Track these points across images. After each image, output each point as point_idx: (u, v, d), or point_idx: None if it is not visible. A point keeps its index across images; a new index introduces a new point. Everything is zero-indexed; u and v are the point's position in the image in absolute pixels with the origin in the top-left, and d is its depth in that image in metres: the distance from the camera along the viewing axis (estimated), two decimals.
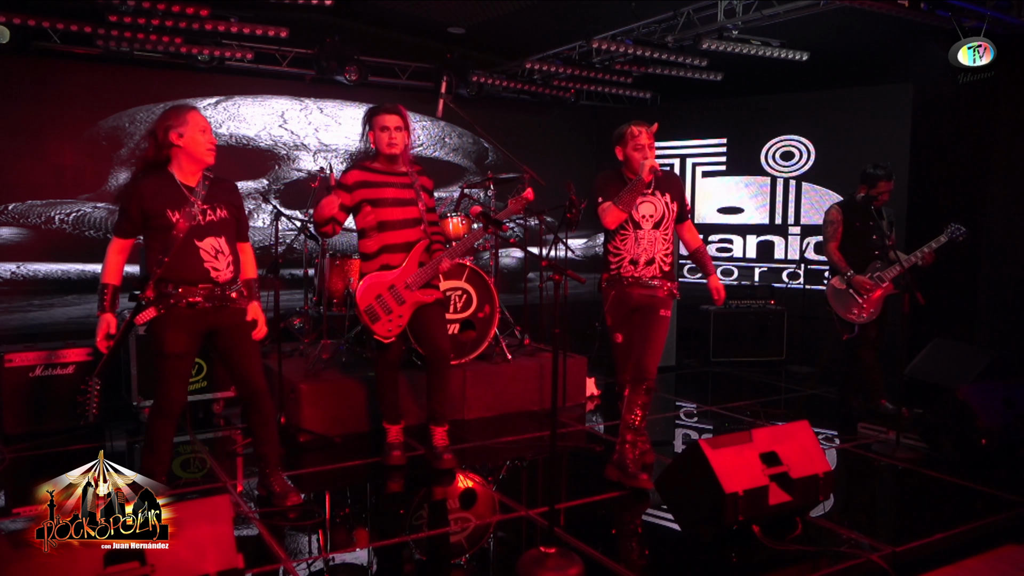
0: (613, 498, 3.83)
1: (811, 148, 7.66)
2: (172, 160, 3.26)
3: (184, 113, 3.25)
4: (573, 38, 6.95)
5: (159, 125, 3.23)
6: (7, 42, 5.54)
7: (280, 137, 6.34)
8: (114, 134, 6.30)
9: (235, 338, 3.42)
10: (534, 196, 4.16)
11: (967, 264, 6.43)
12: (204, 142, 3.26)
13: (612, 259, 3.98)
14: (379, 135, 3.95)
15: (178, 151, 3.24)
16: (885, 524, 3.77)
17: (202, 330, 3.33)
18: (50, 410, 4.73)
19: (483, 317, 5.30)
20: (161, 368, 3.29)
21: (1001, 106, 6.29)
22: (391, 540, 3.40)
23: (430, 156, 7.43)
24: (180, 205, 3.23)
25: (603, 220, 3.89)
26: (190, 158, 3.26)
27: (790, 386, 6.46)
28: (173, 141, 3.21)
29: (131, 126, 6.35)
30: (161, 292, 3.22)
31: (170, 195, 3.23)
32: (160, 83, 6.51)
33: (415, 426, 4.71)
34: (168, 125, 3.21)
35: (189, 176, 3.29)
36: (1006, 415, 4.24)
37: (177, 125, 3.21)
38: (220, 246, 3.31)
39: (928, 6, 5.52)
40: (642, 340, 3.88)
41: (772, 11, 5.78)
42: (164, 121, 3.23)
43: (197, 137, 3.24)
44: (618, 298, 3.96)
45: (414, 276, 4.00)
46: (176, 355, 3.27)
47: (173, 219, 3.20)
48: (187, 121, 3.23)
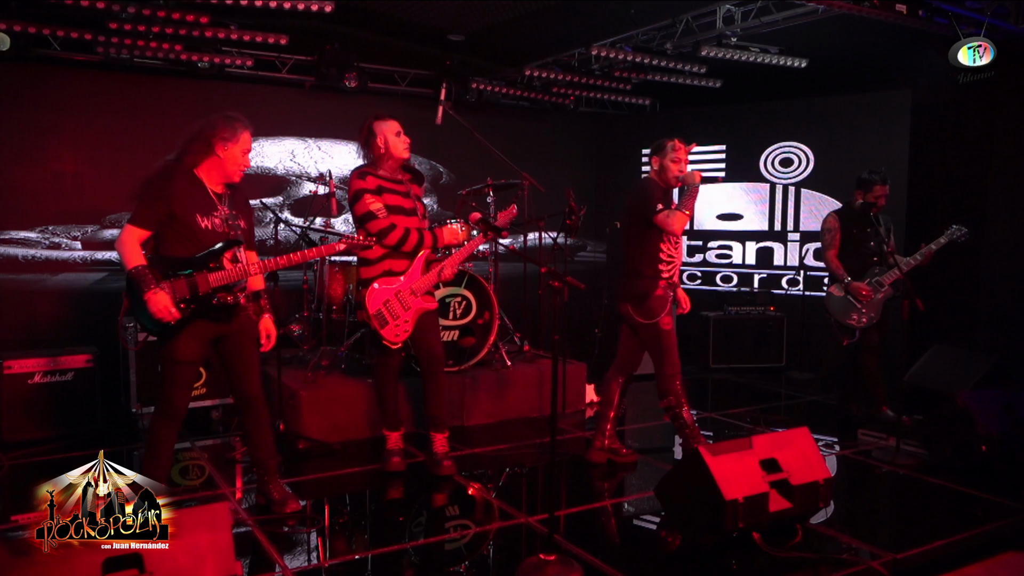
0: (613, 505, 3.82)
1: (810, 154, 7.67)
2: (203, 165, 3.32)
3: (238, 130, 3.34)
4: (572, 45, 6.97)
5: (214, 133, 3.30)
6: (7, 49, 5.55)
7: (291, 168, 7.33)
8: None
9: (240, 344, 3.46)
10: (518, 212, 4.25)
11: (966, 270, 6.43)
12: (242, 162, 3.37)
13: (666, 266, 4.13)
14: (393, 140, 3.98)
15: (216, 160, 3.32)
16: (885, 531, 3.76)
17: (212, 337, 3.37)
18: (49, 417, 4.72)
19: (482, 323, 5.30)
20: (170, 374, 3.31)
21: (1000, 108, 6.30)
22: (390, 547, 3.39)
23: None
24: (208, 212, 3.30)
25: (671, 226, 4.02)
26: (222, 171, 3.35)
27: (790, 392, 6.46)
28: (217, 150, 3.30)
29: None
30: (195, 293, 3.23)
31: (200, 200, 3.29)
32: (160, 90, 6.52)
33: (414, 433, 4.71)
34: (222, 136, 3.30)
35: (216, 184, 3.37)
36: (1006, 421, 4.24)
37: (229, 138, 3.31)
38: (239, 255, 3.38)
39: (926, 13, 5.53)
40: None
41: (771, 18, 5.79)
42: (218, 130, 3.30)
43: (237, 156, 3.35)
44: (671, 301, 4.18)
45: (419, 283, 4.02)
46: (187, 362, 3.31)
47: (203, 225, 3.26)
48: (238, 139, 3.33)
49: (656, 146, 4.23)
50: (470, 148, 4.92)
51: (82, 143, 6.28)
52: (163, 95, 6.55)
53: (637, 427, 5.61)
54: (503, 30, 6.76)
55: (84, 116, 6.26)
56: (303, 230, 5.44)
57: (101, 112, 6.32)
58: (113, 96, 6.37)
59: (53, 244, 6.24)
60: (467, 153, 7.13)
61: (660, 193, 4.08)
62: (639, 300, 4.13)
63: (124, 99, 6.41)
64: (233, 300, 3.32)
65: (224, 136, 3.30)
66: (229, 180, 3.40)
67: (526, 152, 7.51)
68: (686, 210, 4.01)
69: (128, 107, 6.41)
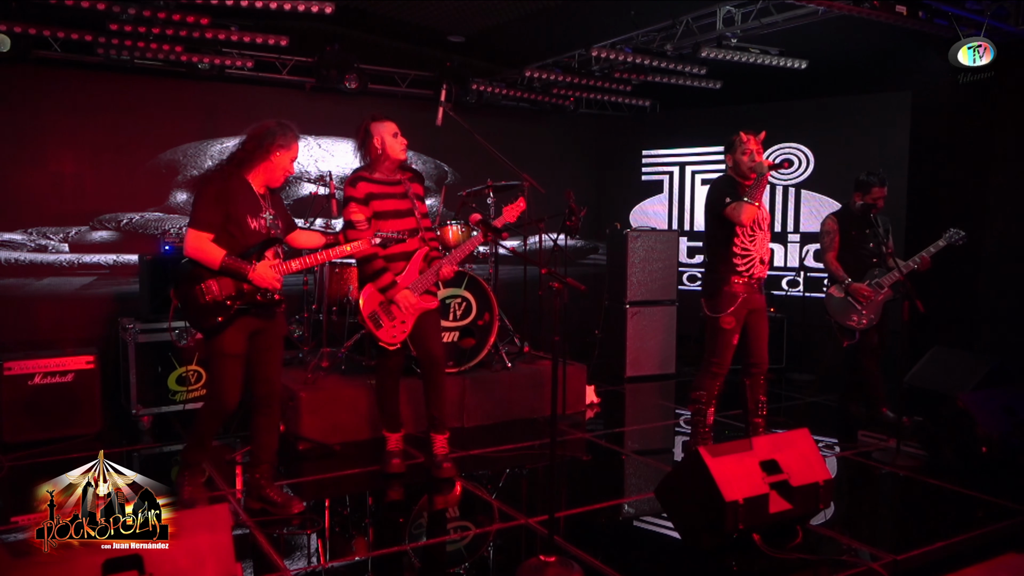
0: (613, 506, 3.82)
1: (810, 156, 7.67)
2: (256, 169, 3.49)
3: (292, 139, 3.52)
4: (572, 46, 6.97)
5: (273, 140, 3.46)
6: (7, 50, 5.55)
7: None
8: (171, 165, 6.62)
9: (271, 339, 3.61)
10: (526, 205, 4.19)
11: (967, 271, 6.43)
12: (288, 169, 3.56)
13: (741, 260, 4.20)
14: (391, 141, 3.97)
15: (268, 165, 3.49)
16: (886, 532, 3.76)
17: (253, 331, 3.51)
18: (49, 418, 4.72)
19: (482, 325, 5.30)
20: (220, 369, 3.45)
21: (1000, 108, 6.30)
22: (391, 549, 3.39)
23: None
24: (257, 213, 3.48)
25: (738, 217, 4.08)
26: (271, 175, 3.52)
27: (790, 394, 6.45)
28: (271, 155, 3.47)
29: (184, 159, 6.66)
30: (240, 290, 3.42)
31: (250, 202, 3.47)
32: (160, 91, 6.52)
33: (414, 434, 4.71)
34: (279, 143, 3.47)
35: (260, 187, 3.54)
36: (1006, 423, 4.24)
37: (283, 144, 3.48)
38: (280, 253, 3.58)
39: (926, 14, 5.54)
40: (759, 337, 4.36)
41: (771, 19, 5.79)
42: (275, 137, 3.46)
43: (286, 162, 3.53)
44: (747, 299, 4.23)
45: (415, 283, 4.01)
46: (235, 355, 3.45)
47: (252, 226, 3.43)
48: (291, 147, 3.52)
49: (727, 144, 4.34)
50: (473, 149, 4.92)
51: (83, 144, 6.27)
52: (163, 96, 6.55)
53: (638, 428, 5.61)
54: (503, 31, 6.77)
55: (84, 117, 6.26)
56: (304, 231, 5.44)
57: (102, 113, 6.32)
58: (113, 97, 6.37)
59: (62, 245, 6.25)
60: (470, 154, 7.13)
61: (729, 187, 4.19)
62: (710, 294, 4.30)
63: (124, 100, 6.40)
64: (274, 297, 3.49)
65: (281, 143, 3.47)
66: (272, 184, 3.57)
67: (526, 153, 7.51)
68: (754, 201, 4.06)
69: (129, 108, 6.41)
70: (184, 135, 6.66)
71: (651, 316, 6.83)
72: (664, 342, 6.90)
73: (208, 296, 3.35)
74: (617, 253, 6.93)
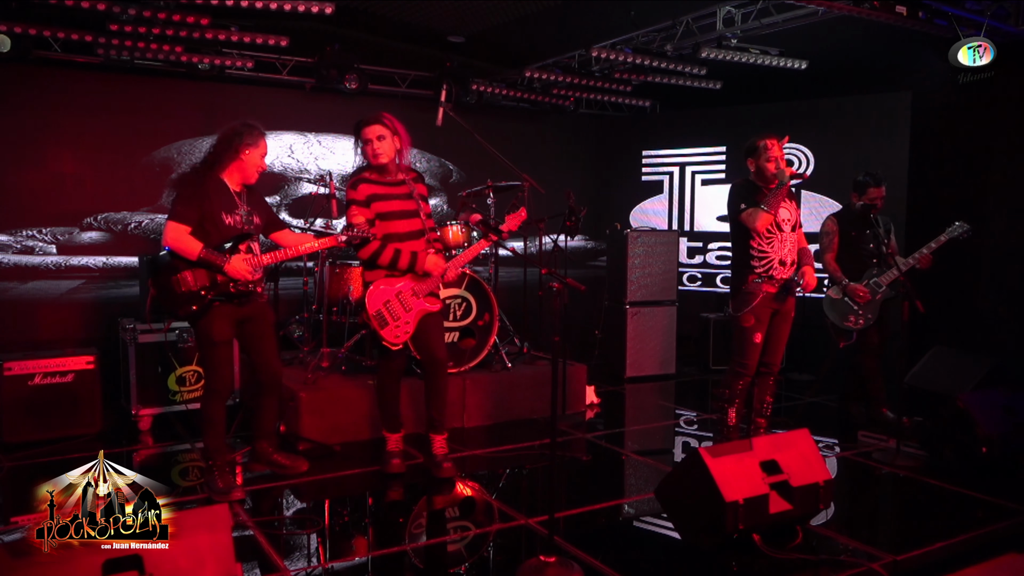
0: (613, 506, 3.82)
1: (810, 156, 7.66)
2: (229, 168, 3.74)
3: (258, 137, 3.78)
4: (572, 47, 6.97)
5: (241, 140, 3.71)
6: (8, 51, 5.55)
7: (289, 165, 7.22)
8: (166, 163, 6.62)
9: (261, 326, 3.91)
10: (527, 215, 4.23)
11: (967, 271, 6.43)
12: (260, 165, 3.81)
13: (758, 262, 4.26)
14: (364, 148, 3.95)
15: (239, 164, 3.75)
16: (886, 533, 3.76)
17: (237, 319, 3.79)
18: (49, 419, 4.72)
19: (483, 325, 5.30)
20: (212, 356, 3.75)
21: (1000, 108, 6.30)
22: (390, 549, 3.39)
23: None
24: (232, 210, 3.74)
25: (752, 224, 4.21)
26: (242, 173, 3.78)
27: (790, 394, 6.45)
28: (242, 155, 3.72)
29: (179, 156, 6.68)
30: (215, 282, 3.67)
31: (225, 199, 3.73)
32: (160, 92, 6.52)
33: (414, 434, 4.71)
34: (246, 142, 3.72)
35: (236, 185, 3.80)
36: (1006, 423, 4.24)
37: (251, 143, 3.74)
38: (254, 247, 3.78)
39: (926, 15, 5.54)
40: (776, 338, 4.40)
41: (771, 20, 5.79)
42: (242, 137, 3.72)
43: (257, 159, 3.78)
44: (767, 299, 4.28)
45: (421, 284, 4.01)
46: (224, 342, 3.75)
47: (227, 221, 3.68)
48: (258, 144, 3.77)
49: (748, 148, 4.35)
50: (475, 149, 4.92)
51: (84, 145, 6.27)
52: (163, 97, 6.55)
53: (638, 428, 5.61)
54: (503, 32, 6.77)
55: (85, 118, 6.26)
56: (303, 231, 5.43)
57: (102, 114, 6.32)
58: (114, 98, 6.37)
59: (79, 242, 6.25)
60: (472, 154, 7.11)
61: (747, 192, 4.27)
62: (732, 293, 4.43)
63: (125, 101, 6.40)
64: (248, 287, 3.72)
65: (248, 142, 3.72)
66: (247, 181, 3.82)
67: (526, 153, 7.51)
68: (770, 209, 4.15)
69: (129, 108, 6.41)
70: (184, 136, 6.65)
71: (651, 316, 6.83)
72: (664, 342, 6.90)
73: (183, 287, 3.60)
74: (617, 253, 6.93)
